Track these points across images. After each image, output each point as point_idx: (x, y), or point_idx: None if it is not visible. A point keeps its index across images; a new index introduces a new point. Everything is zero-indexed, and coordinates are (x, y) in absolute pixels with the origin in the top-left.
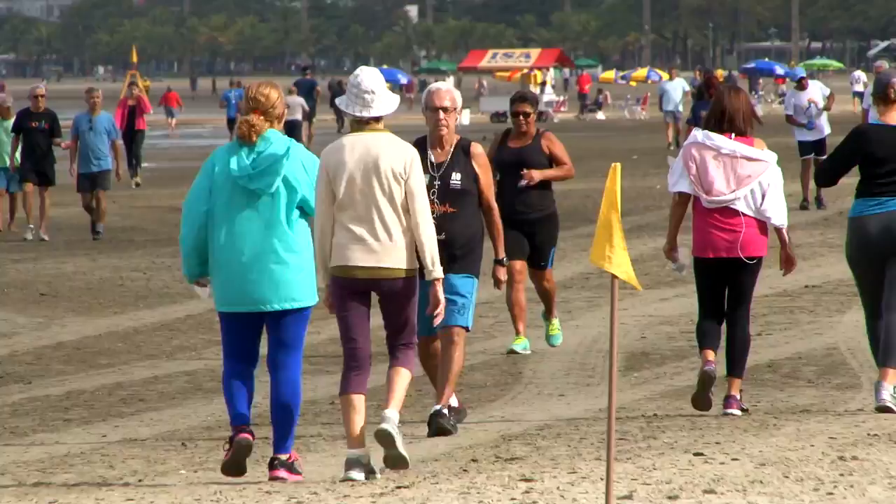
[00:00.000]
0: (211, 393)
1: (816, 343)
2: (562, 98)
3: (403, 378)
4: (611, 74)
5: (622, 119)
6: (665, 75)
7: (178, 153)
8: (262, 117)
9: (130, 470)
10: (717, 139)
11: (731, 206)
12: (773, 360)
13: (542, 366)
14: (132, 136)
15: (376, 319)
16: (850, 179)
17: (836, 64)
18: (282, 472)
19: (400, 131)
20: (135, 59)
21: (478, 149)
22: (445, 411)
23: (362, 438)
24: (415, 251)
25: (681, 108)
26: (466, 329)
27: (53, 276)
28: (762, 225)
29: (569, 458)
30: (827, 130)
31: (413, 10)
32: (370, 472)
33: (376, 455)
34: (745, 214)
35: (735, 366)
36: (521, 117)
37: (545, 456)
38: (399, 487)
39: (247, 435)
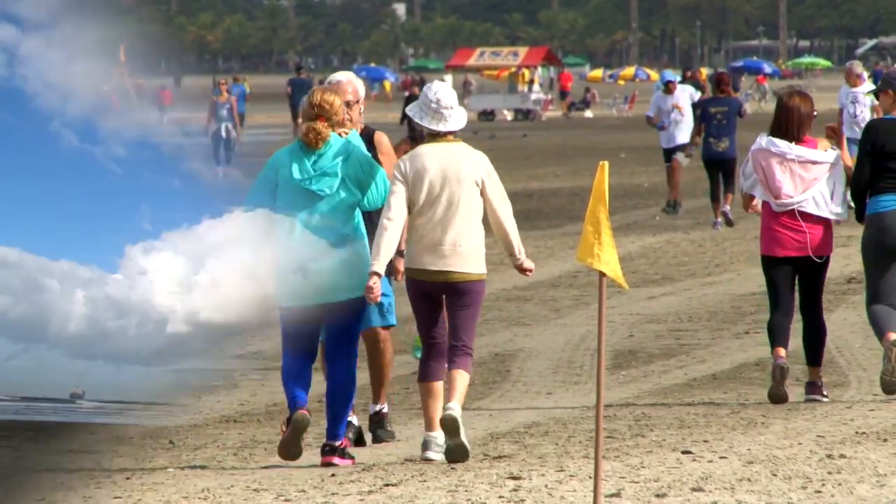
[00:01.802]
0: (201, 391)
1: None
2: (549, 96)
3: (463, 378)
4: (598, 73)
5: (610, 117)
6: (655, 76)
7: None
8: (326, 124)
9: (118, 467)
10: (782, 145)
11: (800, 209)
12: (761, 359)
13: (529, 364)
14: None
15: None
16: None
17: (823, 62)
18: (335, 459)
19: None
20: (122, 57)
21: (382, 137)
22: (386, 410)
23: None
24: (484, 256)
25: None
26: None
27: None
28: (829, 223)
29: (556, 456)
30: (687, 138)
31: (401, 8)
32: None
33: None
34: (813, 215)
35: (814, 356)
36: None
37: (533, 454)
38: (387, 485)
39: (304, 411)
